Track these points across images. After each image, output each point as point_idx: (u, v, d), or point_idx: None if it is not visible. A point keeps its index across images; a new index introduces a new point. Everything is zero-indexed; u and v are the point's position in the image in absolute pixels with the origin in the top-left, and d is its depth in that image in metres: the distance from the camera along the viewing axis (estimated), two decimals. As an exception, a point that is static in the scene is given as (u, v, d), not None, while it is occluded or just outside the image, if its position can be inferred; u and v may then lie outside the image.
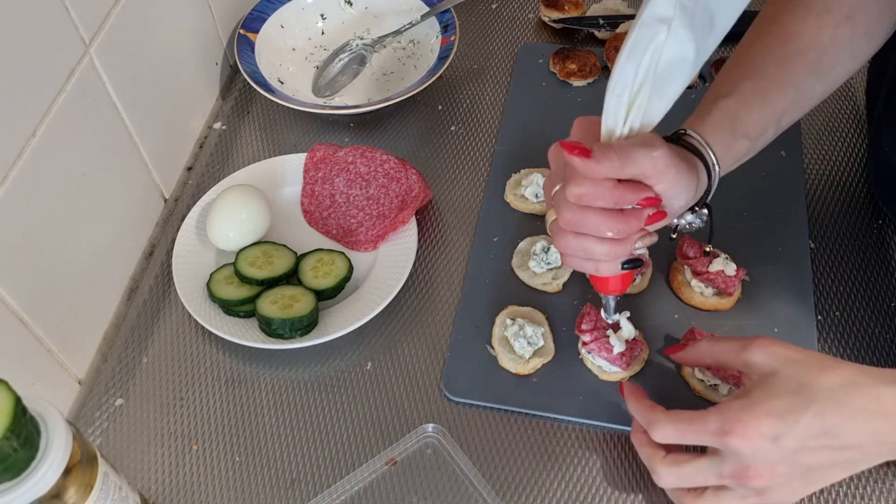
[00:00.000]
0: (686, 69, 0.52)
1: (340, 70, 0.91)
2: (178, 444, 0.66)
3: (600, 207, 0.54)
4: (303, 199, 0.80)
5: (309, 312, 0.68)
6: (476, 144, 0.85)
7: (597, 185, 0.54)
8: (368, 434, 0.66)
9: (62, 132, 0.63)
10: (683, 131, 0.60)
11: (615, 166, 0.53)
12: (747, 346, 0.56)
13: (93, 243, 0.70)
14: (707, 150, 0.59)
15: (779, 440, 0.51)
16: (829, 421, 0.51)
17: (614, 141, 0.55)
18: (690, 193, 0.57)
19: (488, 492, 0.61)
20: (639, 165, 0.53)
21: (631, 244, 0.57)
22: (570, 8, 0.95)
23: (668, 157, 0.54)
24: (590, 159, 0.53)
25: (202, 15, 0.86)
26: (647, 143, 0.54)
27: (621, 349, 0.65)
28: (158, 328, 0.73)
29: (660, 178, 0.54)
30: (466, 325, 0.70)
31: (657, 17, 0.49)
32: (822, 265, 0.74)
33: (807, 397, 0.52)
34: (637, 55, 0.50)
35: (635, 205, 0.55)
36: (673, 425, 0.56)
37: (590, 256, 0.57)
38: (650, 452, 0.58)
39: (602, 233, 0.55)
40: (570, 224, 0.56)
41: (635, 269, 0.59)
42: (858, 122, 0.85)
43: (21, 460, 0.43)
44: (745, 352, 0.56)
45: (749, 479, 0.53)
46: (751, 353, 0.55)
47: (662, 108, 0.54)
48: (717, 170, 0.59)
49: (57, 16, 0.62)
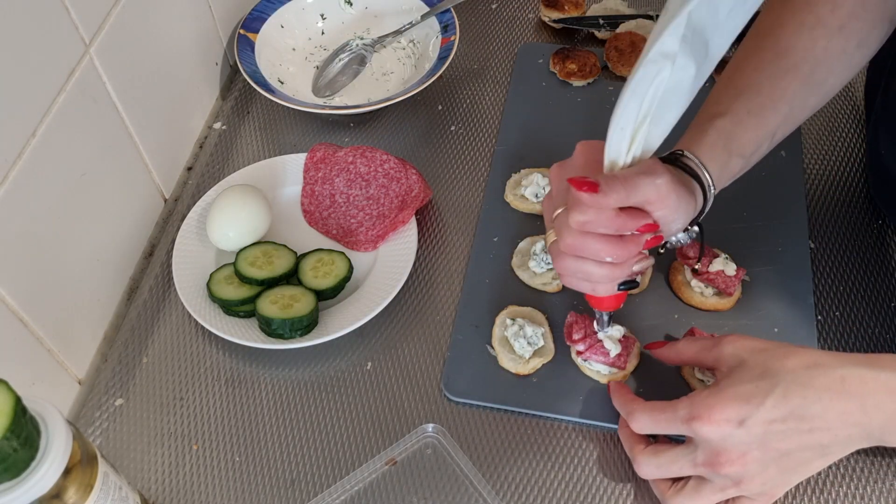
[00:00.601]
0: (684, 96, 0.53)
1: (340, 70, 0.91)
2: (178, 444, 0.66)
3: (601, 234, 0.56)
4: (303, 199, 0.80)
5: (309, 312, 0.68)
6: (476, 144, 0.85)
7: (600, 214, 0.55)
8: (368, 434, 0.66)
9: (62, 132, 0.63)
10: (681, 152, 0.61)
11: (621, 198, 0.54)
12: (718, 342, 0.58)
13: (93, 243, 0.70)
14: (703, 171, 0.60)
15: (745, 423, 0.53)
16: (795, 402, 0.52)
17: (617, 171, 0.56)
18: (688, 216, 0.59)
19: (488, 492, 0.61)
20: (643, 194, 0.55)
21: (629, 267, 0.59)
22: (570, 8, 0.95)
23: (670, 185, 0.55)
24: (597, 194, 0.54)
25: (202, 15, 0.86)
26: (649, 172, 0.55)
27: (617, 350, 0.65)
28: (158, 328, 0.73)
29: (662, 205, 0.56)
30: (466, 325, 0.70)
31: (664, 53, 0.49)
32: (822, 265, 0.74)
33: (772, 381, 0.53)
34: (641, 91, 0.51)
35: (634, 231, 0.56)
36: (648, 414, 0.58)
37: (588, 279, 0.59)
38: (632, 444, 0.60)
39: (602, 258, 0.57)
40: (571, 248, 0.57)
41: (631, 289, 0.61)
42: (858, 123, 0.85)
43: (21, 460, 0.43)
44: (716, 348, 0.58)
45: (721, 465, 0.54)
46: (721, 347, 0.58)
47: (661, 135, 0.56)
48: (713, 191, 0.61)
49: (57, 16, 0.62)
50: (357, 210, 0.78)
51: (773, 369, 0.54)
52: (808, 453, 0.54)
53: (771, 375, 0.53)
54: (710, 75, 0.53)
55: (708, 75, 0.53)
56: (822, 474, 0.62)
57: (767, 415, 0.52)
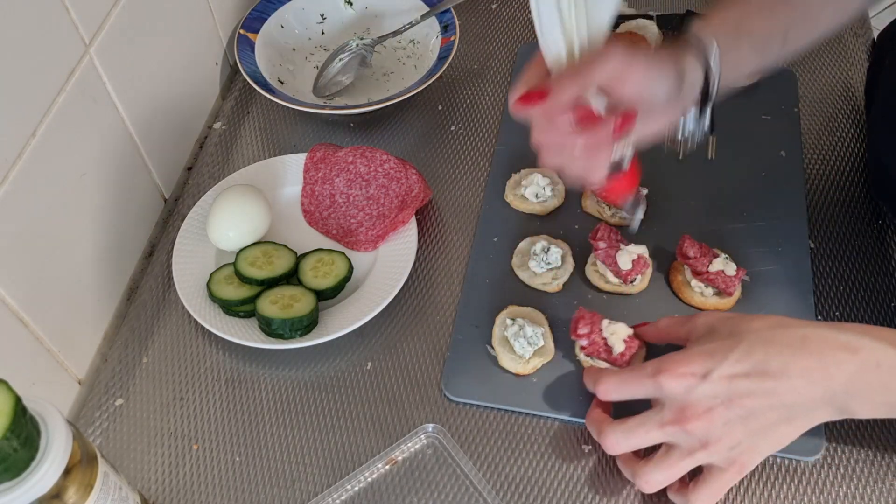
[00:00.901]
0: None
1: (340, 70, 0.91)
2: (178, 444, 0.66)
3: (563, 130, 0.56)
4: (303, 199, 0.80)
5: (309, 312, 0.68)
6: (476, 144, 0.85)
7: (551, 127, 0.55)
8: (368, 434, 0.66)
9: (62, 132, 0.63)
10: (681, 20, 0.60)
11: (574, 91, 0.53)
12: (693, 317, 0.61)
13: (93, 243, 0.70)
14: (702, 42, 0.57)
15: (709, 377, 0.54)
16: (757, 357, 0.54)
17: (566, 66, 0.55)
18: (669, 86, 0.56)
19: (488, 492, 0.61)
20: (597, 76, 0.53)
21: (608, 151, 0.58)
22: (570, 8, 0.95)
23: (626, 59, 0.53)
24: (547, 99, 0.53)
25: (202, 15, 0.86)
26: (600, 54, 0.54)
27: (621, 349, 0.65)
28: (158, 328, 0.73)
29: (624, 82, 0.54)
30: (466, 325, 0.70)
31: None
32: (822, 265, 0.74)
33: (736, 339, 0.55)
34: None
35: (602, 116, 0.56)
36: (616, 376, 0.59)
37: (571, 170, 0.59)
38: (598, 420, 0.60)
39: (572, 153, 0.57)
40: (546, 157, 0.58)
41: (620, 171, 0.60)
42: (858, 122, 0.85)
43: (21, 460, 0.43)
44: (689, 322, 0.61)
45: (687, 419, 0.54)
46: (694, 320, 0.60)
47: (607, 11, 0.54)
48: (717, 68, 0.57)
49: (57, 16, 0.62)
50: (357, 210, 0.78)
51: (739, 329, 0.56)
52: (772, 414, 0.54)
53: (736, 335, 0.56)
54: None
55: None
56: (822, 474, 0.62)
57: (731, 369, 0.54)
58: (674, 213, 0.77)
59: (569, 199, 0.79)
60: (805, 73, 0.89)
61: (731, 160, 0.81)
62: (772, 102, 0.86)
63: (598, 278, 0.72)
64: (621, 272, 0.70)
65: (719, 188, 0.79)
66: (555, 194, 0.78)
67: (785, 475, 0.62)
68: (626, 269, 0.69)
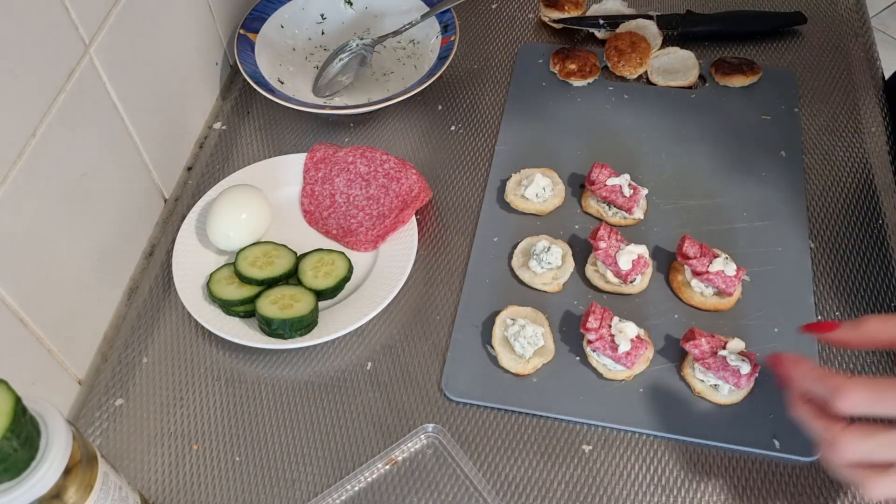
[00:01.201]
0: None
1: (340, 70, 0.91)
2: (178, 444, 0.66)
3: None
4: (303, 199, 0.80)
5: (309, 312, 0.68)
6: (476, 144, 0.85)
7: None
8: (368, 434, 0.66)
9: (62, 132, 0.63)
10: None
11: None
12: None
13: (93, 243, 0.70)
14: None
15: None
16: None
17: None
18: None
19: (488, 492, 0.61)
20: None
21: None
22: (570, 8, 0.95)
23: None
24: None
25: (202, 15, 0.86)
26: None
27: (626, 348, 0.65)
28: (158, 328, 0.73)
29: None
30: (466, 325, 0.70)
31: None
32: (822, 265, 0.74)
33: None
34: None
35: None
36: (867, 388, 0.49)
37: None
38: (825, 424, 0.51)
39: None
40: None
41: None
42: (858, 123, 0.85)
43: (21, 460, 0.43)
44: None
45: None
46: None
47: None
48: None
49: (57, 16, 0.62)
50: (357, 210, 0.78)
51: None
52: None
53: None
54: None
55: None
56: (822, 474, 0.62)
57: None
58: (674, 213, 0.77)
59: (569, 199, 0.79)
60: (805, 73, 0.89)
61: (731, 160, 0.81)
62: (772, 102, 0.86)
63: (598, 278, 0.72)
64: (621, 272, 0.70)
65: (719, 188, 0.79)
66: (555, 194, 0.78)
67: (785, 475, 0.62)
68: (626, 269, 0.69)
